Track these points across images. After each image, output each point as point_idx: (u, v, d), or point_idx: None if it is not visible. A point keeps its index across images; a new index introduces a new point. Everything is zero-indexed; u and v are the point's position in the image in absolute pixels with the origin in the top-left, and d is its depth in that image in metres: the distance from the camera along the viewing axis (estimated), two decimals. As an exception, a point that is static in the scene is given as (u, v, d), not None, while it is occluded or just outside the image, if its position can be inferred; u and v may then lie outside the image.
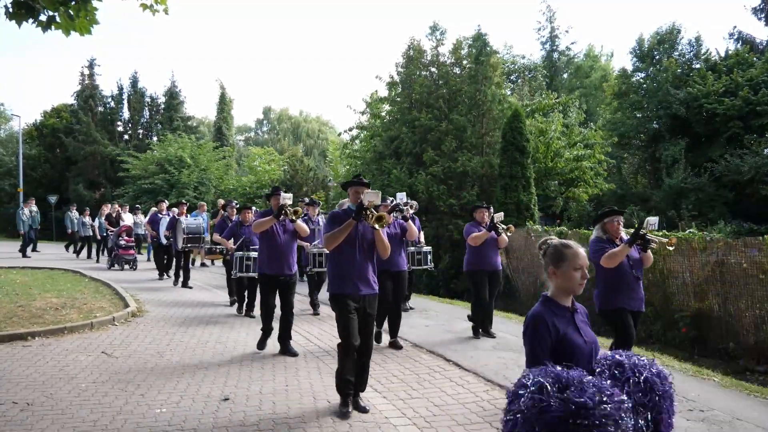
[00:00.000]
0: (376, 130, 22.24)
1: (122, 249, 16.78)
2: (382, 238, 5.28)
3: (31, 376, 6.26)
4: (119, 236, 16.85)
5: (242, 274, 9.49)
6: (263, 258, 7.37)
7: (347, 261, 5.31)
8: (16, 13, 5.65)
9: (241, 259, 9.44)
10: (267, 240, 7.29)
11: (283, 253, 7.30)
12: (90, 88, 36.64)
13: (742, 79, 23.66)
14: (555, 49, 40.80)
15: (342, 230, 5.18)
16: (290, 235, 7.39)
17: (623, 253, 5.78)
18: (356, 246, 5.30)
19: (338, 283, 5.33)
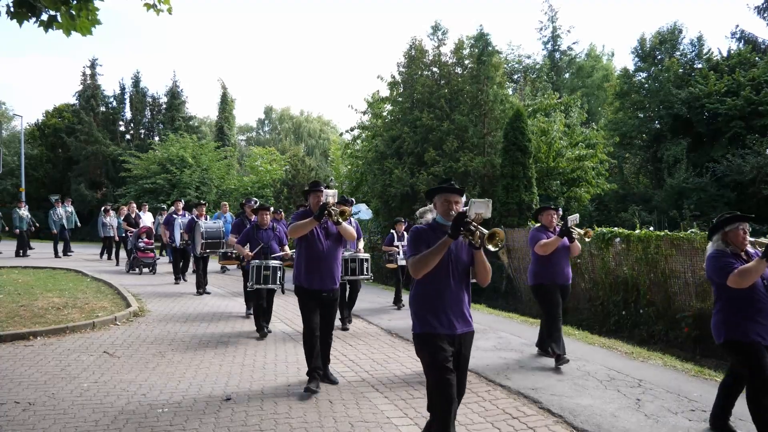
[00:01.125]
0: (378, 130, 22.25)
1: (141, 252, 16.00)
2: (484, 260, 4.11)
3: (33, 376, 6.27)
4: (138, 238, 16.05)
5: (260, 287, 8.26)
6: (300, 269, 6.02)
7: (439, 290, 4.07)
8: (18, 12, 5.65)
9: (258, 268, 8.24)
10: (306, 247, 6.00)
11: (325, 263, 5.99)
12: (92, 88, 36.65)
13: (745, 78, 23.63)
14: (557, 48, 40.78)
15: (436, 252, 3.92)
16: (334, 240, 6.09)
17: None
18: (449, 271, 4.08)
19: (426, 320, 4.05)
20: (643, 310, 11.04)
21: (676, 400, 5.73)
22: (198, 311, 10.49)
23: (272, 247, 8.65)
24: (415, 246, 4.09)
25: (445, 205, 4.18)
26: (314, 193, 6.12)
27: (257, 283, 8.24)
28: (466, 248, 4.13)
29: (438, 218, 4.24)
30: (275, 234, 8.82)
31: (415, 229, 4.23)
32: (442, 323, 4.00)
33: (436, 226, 4.20)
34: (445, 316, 4.02)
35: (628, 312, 11.29)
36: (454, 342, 4.02)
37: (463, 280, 4.13)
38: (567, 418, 5.25)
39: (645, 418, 5.26)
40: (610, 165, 23.38)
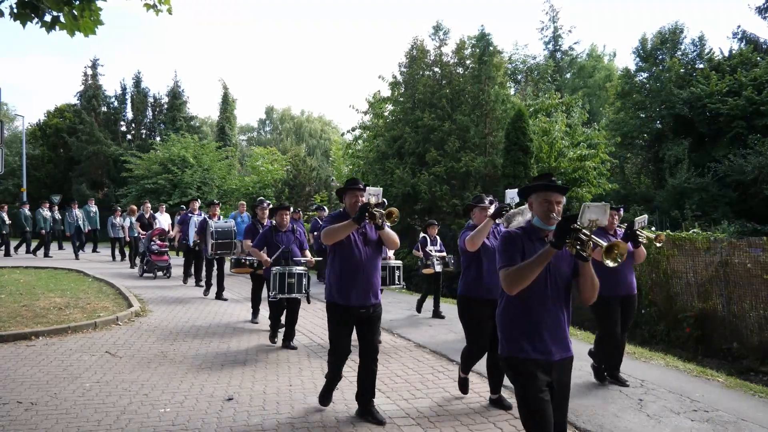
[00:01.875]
0: (379, 130, 22.26)
1: (155, 254, 15.06)
2: (592, 274, 3.41)
3: (35, 376, 6.27)
4: (151, 240, 15.12)
5: (283, 296, 7.41)
6: (334, 281, 5.09)
7: (533, 308, 3.41)
8: (21, 13, 5.66)
9: (281, 276, 7.38)
10: (340, 256, 5.06)
11: (363, 275, 5.04)
12: (93, 88, 36.72)
13: (746, 78, 23.63)
14: (558, 48, 40.77)
15: (536, 263, 3.21)
16: (374, 248, 5.16)
17: None
18: (547, 285, 3.40)
19: (518, 342, 3.42)
20: (645, 310, 11.04)
21: (678, 400, 5.72)
22: (200, 311, 10.49)
23: (293, 252, 7.78)
24: (509, 255, 3.38)
25: (544, 206, 3.45)
26: (351, 192, 5.19)
27: (281, 293, 7.34)
28: (568, 258, 3.42)
29: (535, 221, 3.51)
30: (296, 237, 7.95)
31: (507, 234, 3.49)
32: (535, 347, 3.36)
33: (531, 231, 3.50)
34: (540, 339, 3.36)
35: (629, 312, 11.28)
36: (550, 370, 3.37)
37: (562, 296, 3.45)
38: (569, 418, 5.22)
39: (647, 418, 5.26)
40: (611, 165, 23.38)
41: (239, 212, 15.57)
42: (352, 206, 5.14)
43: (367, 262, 5.08)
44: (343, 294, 5.04)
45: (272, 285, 7.44)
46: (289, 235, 7.90)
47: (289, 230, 7.94)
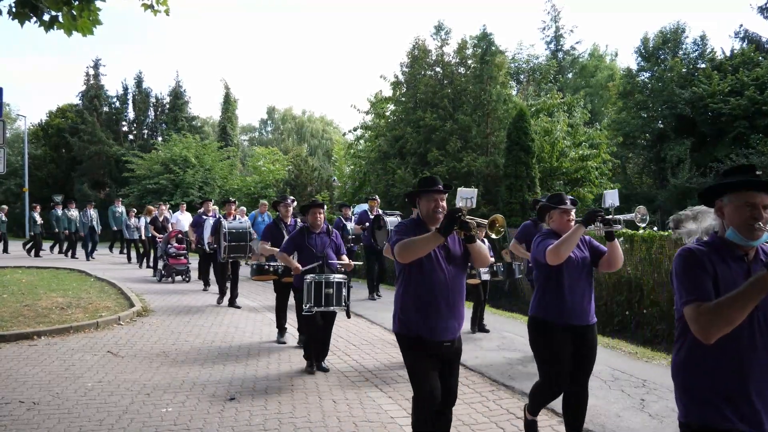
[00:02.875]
0: (381, 130, 22.27)
1: (172, 258, 14.25)
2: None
3: (37, 376, 6.28)
4: (168, 242, 14.36)
5: (321, 309, 6.35)
6: (410, 309, 3.91)
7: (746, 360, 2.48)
8: (19, 12, 5.67)
9: (317, 286, 6.31)
10: (419, 276, 3.88)
11: (449, 300, 3.89)
12: (95, 88, 36.79)
13: (748, 78, 23.60)
14: (560, 48, 40.72)
15: (751, 294, 2.25)
16: (459, 265, 4.00)
17: None
18: (756, 326, 2.51)
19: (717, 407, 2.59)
20: (647, 310, 11.02)
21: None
22: (201, 311, 10.49)
23: (329, 257, 6.78)
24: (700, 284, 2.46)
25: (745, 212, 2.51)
26: (429, 195, 4.00)
27: (317, 305, 6.30)
28: None
29: (729, 233, 2.57)
30: (332, 239, 6.94)
31: (690, 252, 2.55)
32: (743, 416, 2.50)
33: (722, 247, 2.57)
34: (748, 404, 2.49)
35: (631, 312, 11.26)
36: None
37: None
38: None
39: (649, 418, 5.25)
40: (613, 165, 23.36)
41: (260, 212, 14.76)
42: (431, 213, 3.98)
43: (452, 284, 3.91)
44: (420, 324, 3.88)
45: (306, 296, 6.33)
46: (323, 237, 6.86)
47: (324, 232, 6.91)
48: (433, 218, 3.96)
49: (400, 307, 3.99)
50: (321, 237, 6.84)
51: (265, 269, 8.04)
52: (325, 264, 6.62)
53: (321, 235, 6.85)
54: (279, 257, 7.07)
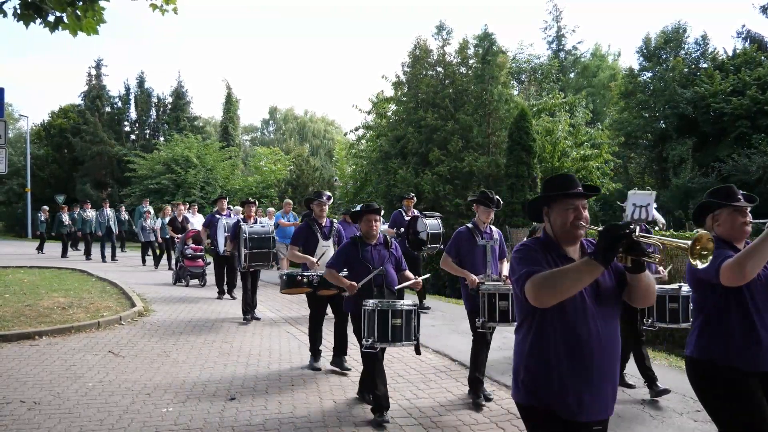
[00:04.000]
0: (382, 130, 22.26)
1: (188, 259, 13.51)
2: None
3: (39, 375, 6.29)
4: (185, 244, 13.68)
5: (383, 345, 5.03)
6: (537, 367, 2.72)
7: None
8: (24, 14, 5.69)
9: (382, 316, 4.91)
10: (556, 321, 2.67)
11: (599, 359, 2.66)
12: (97, 89, 36.84)
13: (750, 78, 23.55)
14: (561, 48, 40.67)
15: None
16: (612, 305, 2.77)
17: None
18: None
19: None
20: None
21: (681, 400, 5.70)
22: (203, 311, 10.50)
23: (389, 275, 5.51)
24: None
25: None
26: (564, 203, 2.78)
27: (382, 341, 4.93)
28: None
29: None
30: (390, 252, 5.65)
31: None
32: None
33: None
34: None
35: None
36: None
37: None
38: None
39: (650, 418, 5.25)
40: (615, 165, 23.34)
41: (285, 211, 13.88)
42: (568, 228, 2.76)
43: (605, 334, 2.67)
44: (561, 396, 2.64)
45: (368, 328, 4.94)
46: (381, 250, 5.56)
47: (380, 243, 5.61)
48: (570, 235, 2.77)
49: (524, 367, 2.77)
50: (378, 249, 5.54)
51: (298, 281, 6.61)
52: (385, 284, 5.42)
53: (377, 247, 5.55)
54: (328, 276, 5.61)
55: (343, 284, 5.45)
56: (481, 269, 5.77)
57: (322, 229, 6.97)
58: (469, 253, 5.80)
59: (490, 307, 5.48)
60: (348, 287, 5.40)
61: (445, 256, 5.89)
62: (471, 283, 5.64)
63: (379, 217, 5.66)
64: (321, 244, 6.90)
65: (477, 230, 5.90)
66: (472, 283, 5.62)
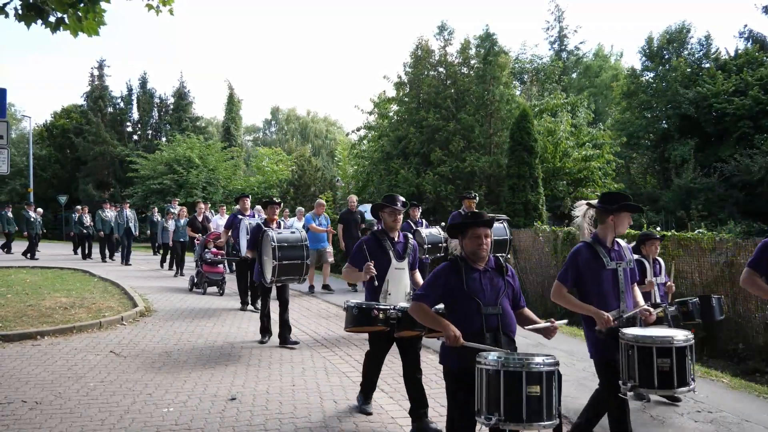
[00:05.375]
0: (384, 130, 22.26)
1: (207, 265, 12.39)
2: None
3: (40, 375, 6.31)
4: (205, 247, 12.59)
5: (515, 427, 3.30)
6: None
7: None
8: (26, 15, 5.71)
9: (509, 380, 3.26)
10: None
11: None
12: (99, 89, 36.93)
13: (752, 78, 23.55)
14: (564, 48, 40.67)
15: None
16: None
17: None
18: None
19: None
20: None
21: (682, 401, 5.70)
22: (204, 311, 10.51)
23: (507, 315, 3.83)
24: None
25: None
26: None
27: (513, 419, 3.26)
28: None
29: None
30: (507, 281, 3.93)
31: None
32: None
33: None
34: None
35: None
36: None
37: None
38: (572, 419, 5.22)
39: (651, 419, 5.24)
40: (617, 165, 23.32)
41: (316, 213, 12.75)
42: None
43: None
44: None
45: (488, 398, 3.29)
46: (494, 278, 3.89)
47: (492, 268, 3.92)
48: None
49: None
50: (489, 277, 3.85)
51: (373, 317, 4.78)
52: (502, 328, 3.73)
53: (488, 274, 3.86)
54: (417, 313, 3.89)
55: (444, 330, 3.67)
56: (613, 303, 4.19)
57: (395, 245, 5.32)
58: (593, 281, 4.22)
59: (643, 366, 3.79)
60: (452, 338, 3.62)
61: (558, 285, 4.29)
62: (601, 324, 4.05)
63: (490, 233, 3.94)
64: (394, 266, 5.24)
65: (601, 248, 4.27)
66: (604, 324, 4.04)
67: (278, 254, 7.27)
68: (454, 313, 3.81)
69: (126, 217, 18.48)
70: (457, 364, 3.71)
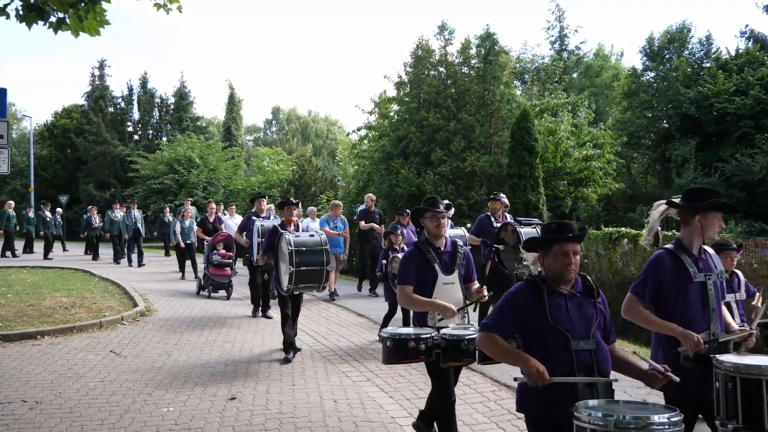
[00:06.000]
0: (385, 130, 22.23)
1: (213, 267, 11.82)
2: None
3: (41, 375, 6.31)
4: (213, 248, 12.07)
5: None
6: None
7: None
8: (27, 15, 5.72)
9: None
10: None
11: None
12: (100, 89, 36.95)
13: (753, 78, 23.53)
14: (564, 48, 40.64)
15: None
16: None
17: None
18: None
19: None
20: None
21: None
22: (204, 311, 10.52)
23: (601, 351, 3.12)
24: None
25: None
26: None
27: None
28: None
29: None
30: (599, 309, 3.24)
31: None
32: None
33: None
34: None
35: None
36: None
37: None
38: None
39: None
40: (617, 165, 23.30)
41: (332, 215, 12.13)
42: None
43: None
44: None
45: None
46: (582, 303, 3.18)
47: (578, 292, 3.22)
48: None
49: None
50: (578, 303, 3.13)
51: (412, 349, 3.99)
52: (597, 367, 3.01)
53: (575, 299, 3.13)
54: (487, 345, 3.17)
55: (525, 366, 2.96)
56: (701, 324, 3.41)
57: (442, 257, 4.40)
58: (677, 296, 3.48)
59: (748, 403, 2.96)
60: (535, 375, 2.90)
61: (633, 299, 3.58)
62: (690, 348, 3.25)
63: (579, 248, 3.25)
64: (441, 281, 4.35)
65: (687, 256, 3.55)
66: (693, 348, 3.24)
67: (295, 260, 6.65)
68: (534, 348, 3.05)
69: (134, 217, 18.07)
70: (543, 411, 2.95)
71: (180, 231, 14.82)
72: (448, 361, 3.97)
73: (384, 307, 8.32)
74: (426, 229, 4.49)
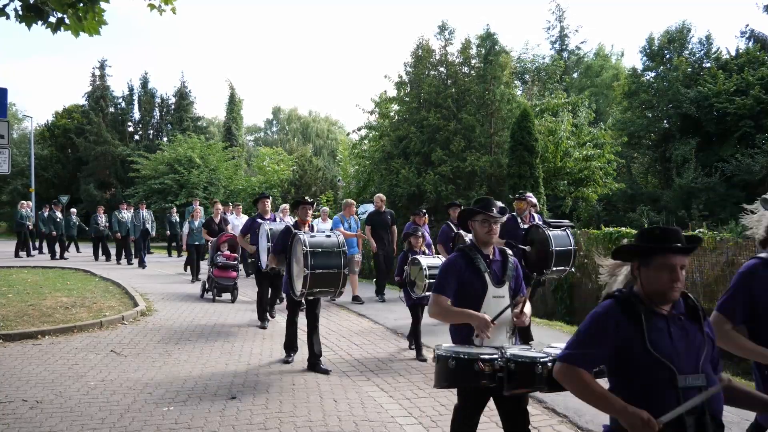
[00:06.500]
0: (385, 130, 22.26)
1: (217, 269, 11.41)
2: None
3: (41, 375, 6.32)
4: (217, 249, 11.65)
5: None
6: None
7: None
8: (26, 15, 5.73)
9: None
10: None
11: None
12: (101, 89, 36.96)
13: (754, 78, 23.51)
14: (565, 48, 40.61)
15: None
16: None
17: None
18: None
19: None
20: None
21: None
22: (205, 311, 10.52)
23: (711, 381, 2.47)
24: None
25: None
26: None
27: None
28: None
29: None
30: (706, 335, 2.56)
31: None
32: None
33: None
34: None
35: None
36: None
37: None
38: (572, 417, 5.24)
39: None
40: (618, 165, 23.30)
41: (346, 214, 11.53)
42: None
43: None
44: None
45: None
46: (688, 327, 2.54)
47: (680, 314, 2.57)
48: None
49: None
50: (683, 327, 2.52)
51: (477, 370, 3.34)
52: (709, 409, 2.42)
53: (679, 323, 2.52)
54: (567, 378, 2.61)
55: (624, 418, 2.42)
56: None
57: (491, 266, 3.82)
58: None
59: None
60: (640, 427, 2.34)
61: (720, 319, 2.96)
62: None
63: (685, 265, 2.58)
64: (491, 294, 3.77)
65: None
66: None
67: (311, 261, 6.12)
68: (630, 384, 2.47)
69: (142, 218, 17.85)
70: None
71: (189, 232, 14.49)
72: (515, 387, 3.33)
73: (381, 307, 8.29)
74: (475, 234, 3.90)
